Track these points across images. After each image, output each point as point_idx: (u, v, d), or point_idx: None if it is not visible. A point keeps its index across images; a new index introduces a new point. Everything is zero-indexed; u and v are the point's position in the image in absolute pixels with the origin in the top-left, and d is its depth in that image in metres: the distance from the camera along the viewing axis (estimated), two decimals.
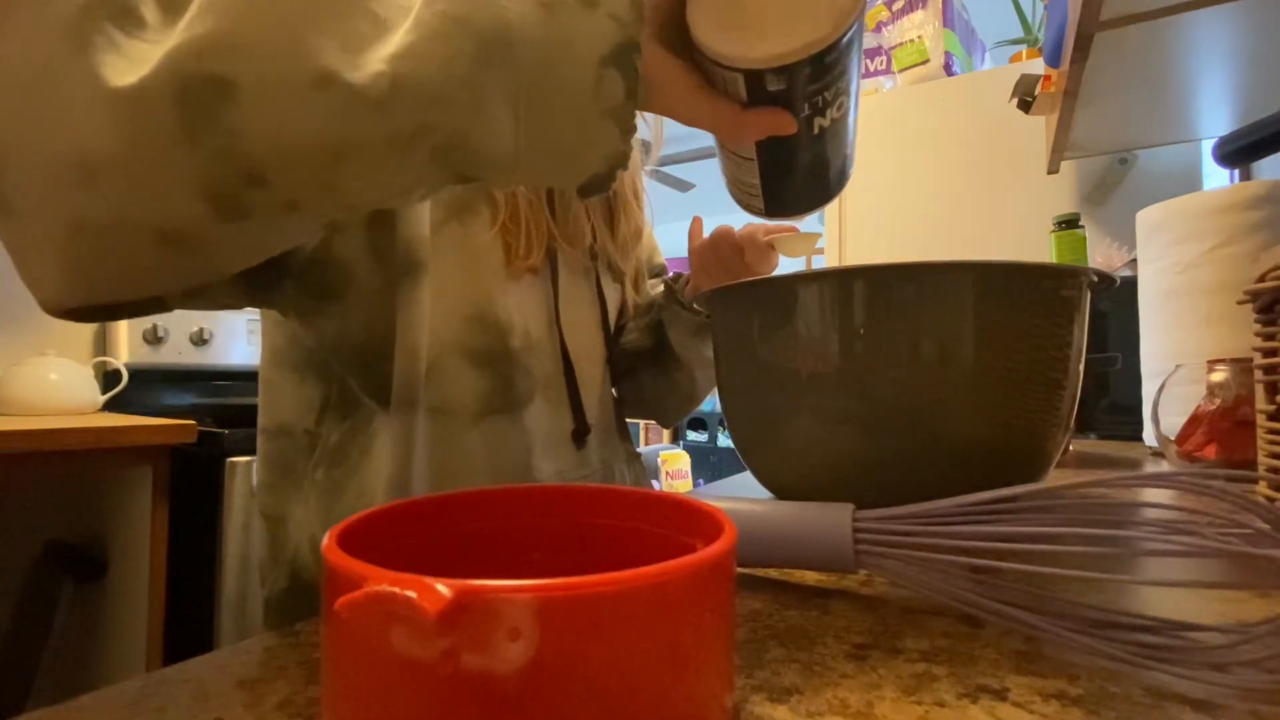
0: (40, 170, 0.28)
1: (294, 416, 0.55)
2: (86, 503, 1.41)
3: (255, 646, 0.28)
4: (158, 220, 0.29)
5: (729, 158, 0.45)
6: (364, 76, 0.27)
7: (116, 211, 0.28)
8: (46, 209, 0.28)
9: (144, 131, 0.27)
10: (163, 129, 0.27)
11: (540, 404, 0.60)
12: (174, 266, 0.31)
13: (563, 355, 0.63)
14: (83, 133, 0.27)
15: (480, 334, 0.55)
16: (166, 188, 0.28)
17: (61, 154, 0.27)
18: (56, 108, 0.27)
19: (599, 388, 0.68)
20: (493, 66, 0.29)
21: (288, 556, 0.53)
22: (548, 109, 0.30)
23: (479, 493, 0.26)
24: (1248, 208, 0.69)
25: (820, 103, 0.38)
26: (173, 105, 0.26)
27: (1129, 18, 0.80)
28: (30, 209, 0.28)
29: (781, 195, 0.45)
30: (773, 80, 0.36)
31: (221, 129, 0.27)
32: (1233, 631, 0.23)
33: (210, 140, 0.27)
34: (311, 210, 0.31)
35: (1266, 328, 0.47)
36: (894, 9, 1.78)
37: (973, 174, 1.65)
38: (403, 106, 0.28)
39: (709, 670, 0.18)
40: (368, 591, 0.15)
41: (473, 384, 0.55)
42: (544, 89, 0.30)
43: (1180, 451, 0.60)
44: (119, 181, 0.27)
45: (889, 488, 0.41)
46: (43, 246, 0.29)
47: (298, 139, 0.28)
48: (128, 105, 0.26)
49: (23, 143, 0.27)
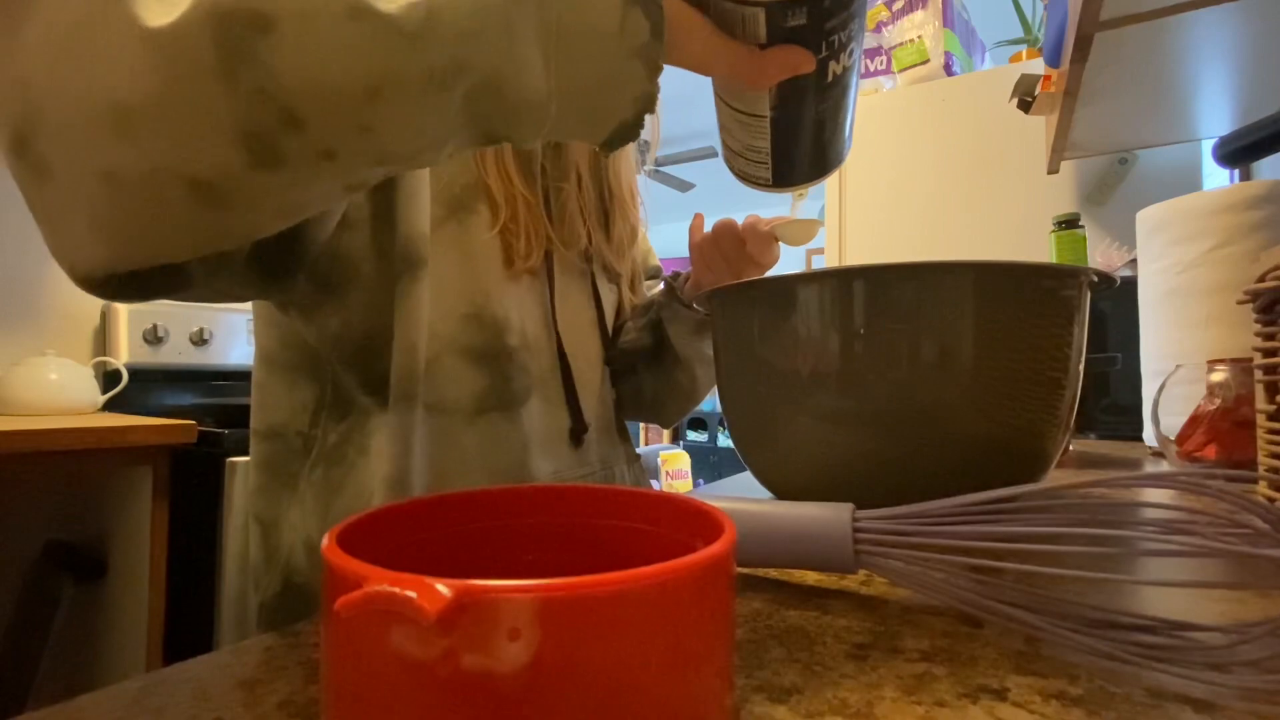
0: (77, 121, 0.27)
1: (287, 419, 0.55)
2: (86, 503, 1.41)
3: (255, 646, 0.28)
4: (192, 169, 0.29)
5: (738, 120, 0.45)
6: (398, 7, 0.27)
7: (151, 160, 0.28)
8: (81, 163, 0.28)
9: (181, 71, 0.26)
10: (200, 67, 0.26)
11: (537, 402, 0.60)
12: (205, 224, 0.31)
13: (560, 355, 0.63)
14: (120, 77, 0.26)
15: (478, 331, 0.56)
16: (203, 132, 0.28)
17: (98, 102, 0.27)
18: (93, 55, 0.27)
19: (597, 388, 0.68)
20: (524, 2, 0.29)
21: (281, 560, 0.53)
22: (576, 50, 0.30)
23: (478, 493, 0.26)
24: (1248, 208, 0.69)
25: (836, 44, 0.39)
26: (210, 42, 0.26)
27: (1129, 18, 0.80)
28: (65, 165, 0.28)
29: (791, 155, 0.45)
30: (793, 14, 0.36)
31: (259, 65, 0.27)
32: (1233, 631, 0.23)
33: (248, 78, 0.27)
34: (347, 159, 0.31)
35: (1266, 328, 0.47)
36: (894, 9, 1.78)
37: (973, 174, 1.65)
38: (437, 39, 0.28)
39: (709, 670, 0.18)
40: (368, 591, 0.15)
41: (470, 381, 0.55)
42: (571, 29, 0.30)
43: (1180, 451, 0.60)
44: (155, 127, 0.27)
45: (889, 488, 0.41)
46: (76, 207, 0.29)
47: (336, 75, 0.28)
48: (165, 44, 0.26)
49: (60, 93, 0.27)
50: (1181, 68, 0.96)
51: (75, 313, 1.59)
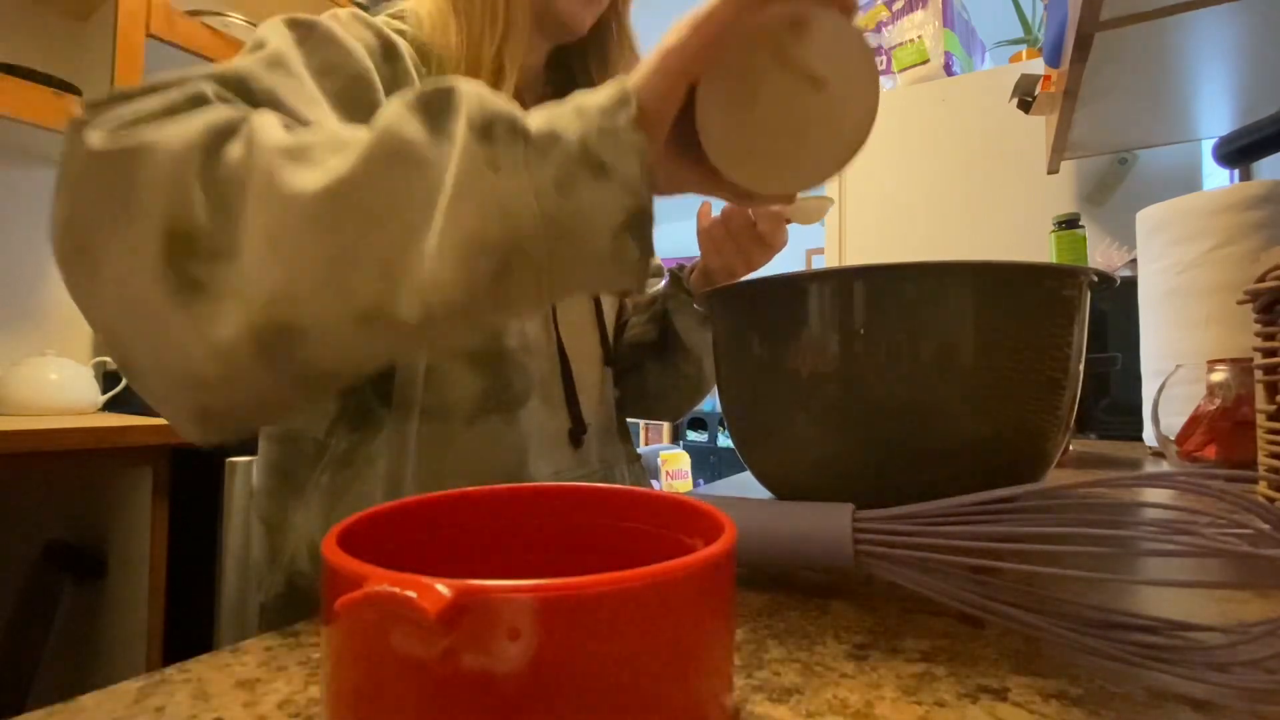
0: (166, 381, 0.35)
1: (304, 425, 0.55)
2: (86, 503, 1.41)
3: (255, 646, 0.28)
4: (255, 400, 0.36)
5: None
6: (401, 309, 0.32)
7: (227, 402, 0.36)
8: (176, 402, 0.36)
9: (237, 369, 0.33)
10: (251, 367, 0.33)
11: (536, 403, 0.60)
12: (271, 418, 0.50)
13: (560, 356, 0.63)
14: (195, 363, 0.33)
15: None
16: (262, 393, 0.36)
17: (175, 370, 0.34)
18: (165, 341, 0.34)
19: (597, 389, 0.69)
20: (512, 273, 0.32)
21: (285, 562, 0.54)
22: (568, 274, 0.33)
23: (479, 492, 0.26)
24: (1248, 208, 0.69)
25: None
26: (256, 354, 0.33)
27: (1129, 18, 0.80)
28: (161, 403, 0.37)
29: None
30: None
31: (297, 362, 0.34)
32: (1233, 631, 0.23)
33: (288, 370, 0.34)
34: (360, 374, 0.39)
35: (1266, 328, 0.47)
36: (894, 9, 1.78)
37: (973, 174, 1.65)
38: (437, 327, 0.33)
39: (709, 670, 0.18)
40: (368, 591, 0.15)
41: (469, 384, 0.56)
42: (563, 260, 0.33)
43: (1180, 451, 0.60)
44: (223, 389, 0.35)
45: (889, 488, 0.41)
46: (179, 421, 0.37)
47: (357, 357, 0.35)
48: (222, 354, 0.33)
49: (142, 355, 0.35)
50: (1181, 68, 0.96)
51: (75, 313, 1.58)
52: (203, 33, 1.52)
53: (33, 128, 1.31)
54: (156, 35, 1.44)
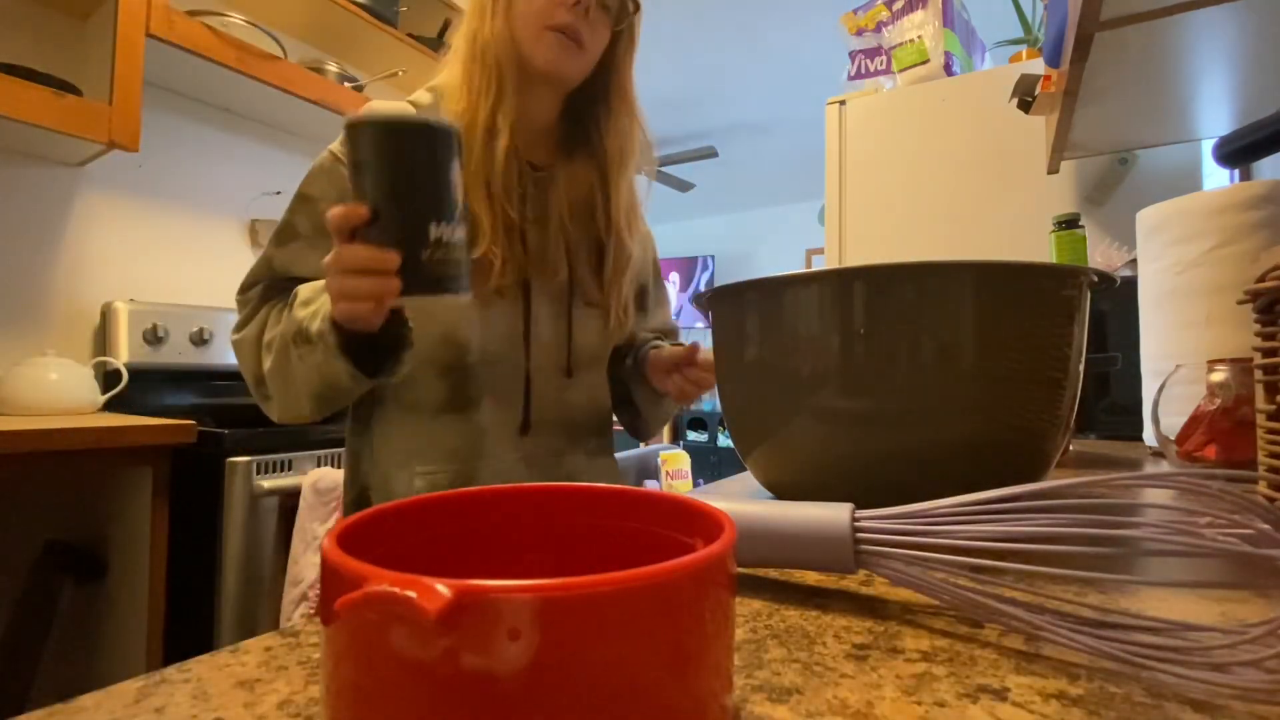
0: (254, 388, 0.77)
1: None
2: (86, 503, 1.41)
3: (255, 646, 0.28)
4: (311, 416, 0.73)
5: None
6: (305, 411, 0.72)
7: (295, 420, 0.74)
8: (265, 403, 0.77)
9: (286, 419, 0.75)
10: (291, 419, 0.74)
11: (489, 404, 0.78)
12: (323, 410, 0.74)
13: (526, 367, 0.79)
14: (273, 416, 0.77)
15: (445, 350, 0.75)
16: (301, 418, 0.73)
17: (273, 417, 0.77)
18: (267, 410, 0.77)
19: (554, 394, 0.82)
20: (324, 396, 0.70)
21: (360, 480, 0.80)
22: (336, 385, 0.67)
23: (479, 492, 0.26)
24: (1248, 208, 0.69)
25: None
26: (254, 393, 0.76)
27: (1129, 18, 0.80)
28: (271, 403, 0.75)
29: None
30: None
31: (271, 405, 0.75)
32: (1233, 631, 0.23)
33: (269, 407, 0.76)
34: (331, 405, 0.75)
35: (1266, 328, 0.47)
36: (894, 9, 1.78)
37: (973, 174, 1.65)
38: (320, 411, 0.72)
39: (709, 670, 0.18)
40: (368, 591, 0.15)
41: (435, 390, 0.76)
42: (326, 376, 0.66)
43: (1180, 451, 0.60)
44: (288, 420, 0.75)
45: (889, 488, 0.41)
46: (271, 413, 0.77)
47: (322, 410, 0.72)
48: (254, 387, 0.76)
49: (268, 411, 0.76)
50: (1181, 68, 0.96)
51: (75, 313, 1.59)
52: (203, 33, 1.52)
53: (33, 128, 1.31)
54: (156, 35, 1.44)
